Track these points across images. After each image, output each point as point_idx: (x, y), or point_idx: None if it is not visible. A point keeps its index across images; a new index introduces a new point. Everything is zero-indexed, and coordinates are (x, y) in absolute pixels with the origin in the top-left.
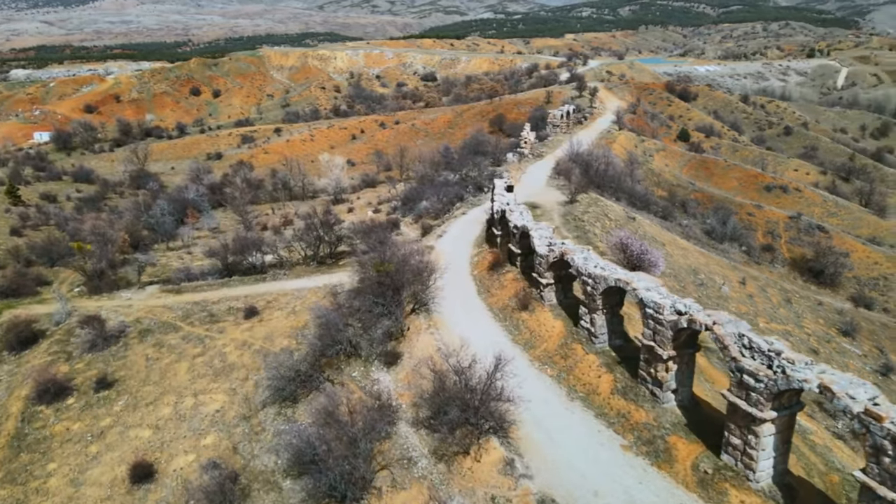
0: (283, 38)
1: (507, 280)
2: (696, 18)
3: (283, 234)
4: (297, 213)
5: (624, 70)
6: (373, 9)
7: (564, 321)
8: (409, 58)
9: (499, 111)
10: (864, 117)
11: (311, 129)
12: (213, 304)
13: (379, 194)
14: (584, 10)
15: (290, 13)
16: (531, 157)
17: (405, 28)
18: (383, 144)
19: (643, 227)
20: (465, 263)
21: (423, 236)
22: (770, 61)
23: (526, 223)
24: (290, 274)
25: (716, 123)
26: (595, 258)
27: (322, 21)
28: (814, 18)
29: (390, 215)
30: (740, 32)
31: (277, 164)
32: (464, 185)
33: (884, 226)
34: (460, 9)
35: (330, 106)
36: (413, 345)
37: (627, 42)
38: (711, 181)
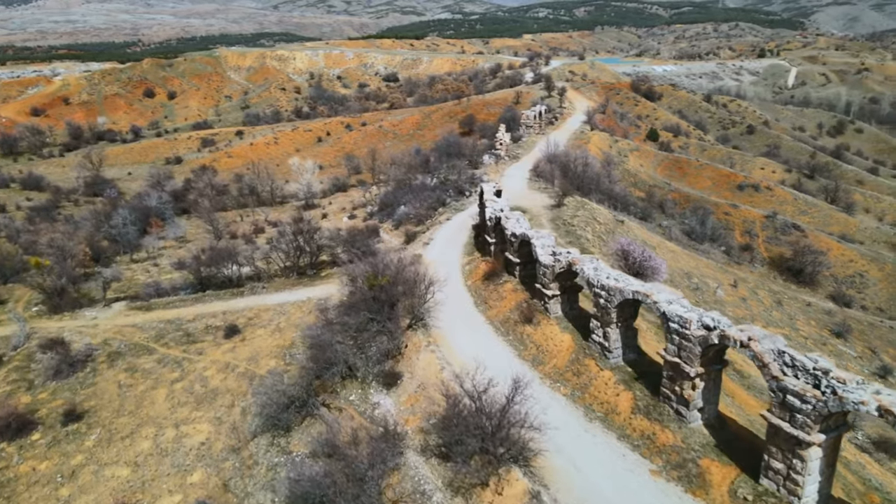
0: (237, 39)
1: (506, 291)
2: (650, 19)
3: (256, 242)
4: (267, 220)
5: (585, 70)
6: (328, 8)
7: (573, 334)
8: (370, 58)
9: (468, 112)
10: (821, 115)
11: (274, 131)
12: (188, 323)
13: (352, 199)
14: (541, 10)
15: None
16: (507, 159)
17: (362, 28)
18: (351, 147)
19: (632, 230)
20: (458, 273)
21: (408, 244)
22: (724, 61)
23: (526, 231)
24: (270, 287)
25: (682, 123)
26: (605, 268)
27: (277, 21)
28: (761, 19)
29: (368, 221)
30: (692, 33)
31: (242, 168)
32: (444, 189)
33: (852, 223)
34: (417, 9)
35: (291, 107)
36: (413, 364)
37: (584, 42)
38: (685, 181)
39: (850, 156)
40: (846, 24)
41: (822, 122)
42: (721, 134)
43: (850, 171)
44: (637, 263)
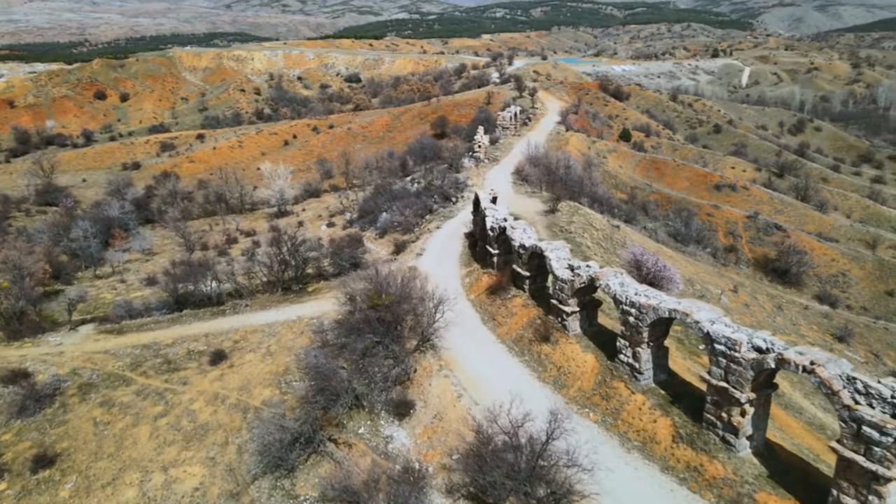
0: (189, 38)
1: (516, 306)
2: (605, 20)
3: (230, 253)
4: (239, 229)
5: (549, 70)
6: (283, 8)
7: (595, 354)
8: (331, 58)
9: (438, 113)
10: (781, 114)
11: (237, 134)
12: (167, 348)
13: (327, 205)
14: (498, 10)
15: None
16: (487, 162)
17: (318, 28)
18: (320, 150)
19: (629, 236)
20: (458, 286)
21: (397, 254)
22: (680, 61)
23: (537, 243)
24: (254, 305)
25: (651, 122)
26: (633, 283)
27: (231, 21)
28: (712, 20)
29: (348, 229)
30: (647, 33)
31: (205, 173)
32: (429, 195)
33: (827, 221)
34: (374, 9)
35: (252, 109)
36: (426, 391)
37: (542, 42)
38: (663, 181)
39: (812, 154)
40: (791, 24)
41: (783, 121)
42: (689, 133)
43: (815, 169)
44: (651, 274)
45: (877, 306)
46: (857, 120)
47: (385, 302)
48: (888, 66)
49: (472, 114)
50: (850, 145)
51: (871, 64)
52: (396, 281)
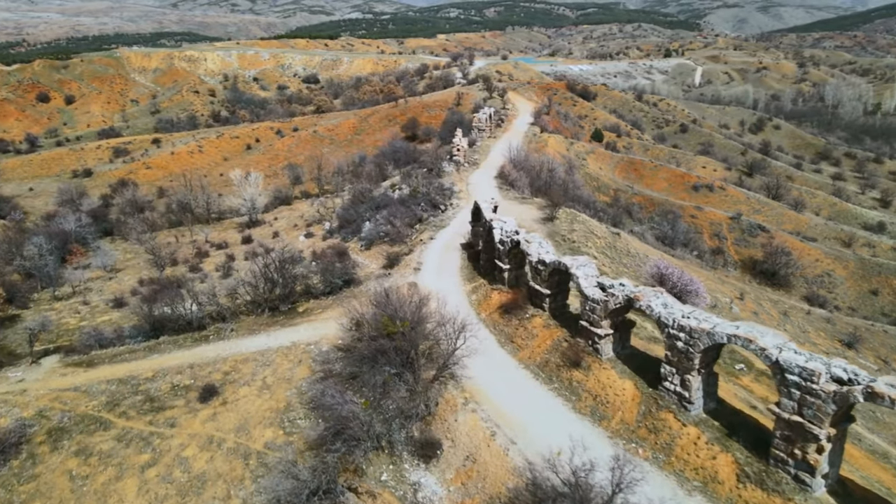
0: (134, 38)
1: (536, 327)
2: (558, 20)
3: (203, 269)
4: (208, 241)
5: (510, 69)
6: (232, 7)
7: (633, 380)
8: (287, 59)
9: (407, 115)
10: (742, 113)
11: (196, 138)
12: (147, 382)
13: (301, 213)
14: (452, 10)
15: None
16: (467, 166)
17: (269, 28)
18: (286, 154)
19: (630, 243)
20: (465, 303)
21: (390, 268)
22: (635, 61)
23: (561, 259)
24: (240, 329)
25: (620, 122)
26: (676, 303)
27: (178, 20)
28: (661, 21)
29: (329, 240)
30: (599, 33)
31: (164, 180)
32: (415, 203)
33: (803, 220)
34: (326, 8)
35: (208, 112)
36: (452, 428)
37: (497, 42)
38: (642, 182)
39: (775, 152)
40: (735, 25)
41: (744, 120)
42: (657, 133)
43: (780, 167)
44: (678, 289)
45: (863, 306)
46: (809, 118)
47: (401, 329)
48: (831, 65)
49: (443, 115)
50: (808, 143)
51: (815, 63)
52: (411, 304)
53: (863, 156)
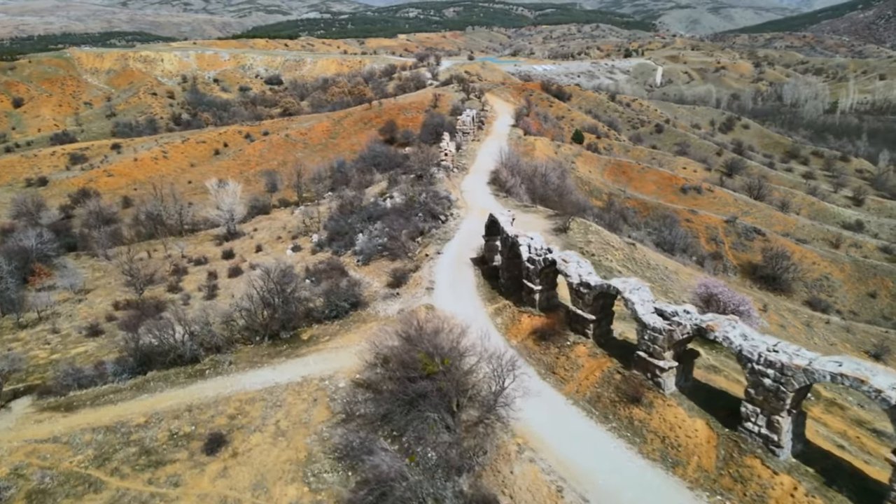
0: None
1: (581, 356)
2: (517, 20)
3: (184, 289)
4: (184, 256)
5: (478, 70)
6: (185, 6)
7: (704, 418)
8: (248, 59)
9: (383, 117)
10: (711, 113)
11: (160, 143)
12: (140, 430)
13: (283, 224)
14: (411, 10)
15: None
16: (457, 171)
17: (224, 28)
18: (257, 159)
19: (647, 255)
20: (491, 328)
21: (397, 287)
22: (597, 61)
23: (611, 282)
24: (239, 361)
25: (597, 123)
26: (757, 335)
27: (128, 19)
28: (618, 21)
29: (319, 253)
30: (559, 34)
31: (127, 188)
32: (413, 213)
33: (791, 221)
34: (282, 8)
35: (168, 114)
36: (510, 482)
37: (458, 42)
38: (631, 185)
39: (748, 152)
40: (688, 25)
41: (714, 119)
42: (633, 133)
43: (755, 167)
44: (729, 311)
45: (863, 309)
46: (772, 117)
47: (441, 368)
48: (785, 64)
49: (420, 117)
50: (776, 142)
51: (770, 63)
52: (448, 337)
53: (830, 154)
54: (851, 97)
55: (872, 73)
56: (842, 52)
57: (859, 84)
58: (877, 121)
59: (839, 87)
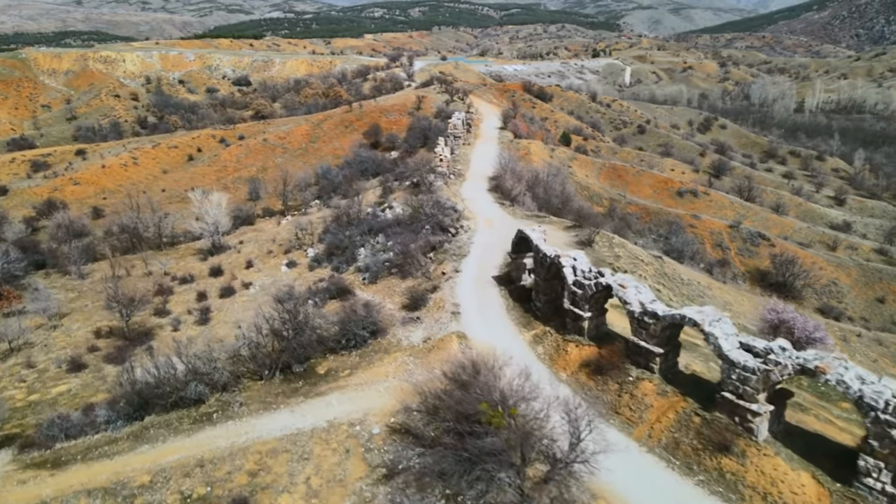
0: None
1: (648, 394)
2: (483, 20)
3: (172, 312)
4: (167, 274)
5: (451, 70)
6: (143, 5)
7: (809, 470)
8: (215, 59)
9: (364, 120)
10: (689, 113)
11: (129, 149)
12: (145, 492)
13: (272, 236)
14: (376, 10)
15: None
16: (454, 178)
17: (185, 27)
18: (234, 165)
19: (676, 268)
20: (533, 359)
21: (415, 310)
22: (567, 61)
23: (685, 313)
24: (250, 401)
25: (581, 124)
26: (873, 377)
27: (83, 18)
28: (582, 21)
29: (317, 269)
30: (525, 34)
31: (96, 198)
32: (420, 225)
33: (787, 224)
34: (244, 7)
35: (132, 117)
36: None
37: (425, 42)
38: (627, 189)
39: (730, 152)
40: (650, 26)
41: (692, 120)
42: (616, 134)
43: (737, 168)
44: (803, 339)
45: (874, 316)
46: (741, 117)
47: (508, 419)
48: (748, 64)
49: (404, 120)
50: (753, 142)
51: (735, 63)
52: (509, 383)
53: (806, 153)
54: (817, 96)
55: (834, 72)
56: (800, 52)
57: (824, 84)
58: (846, 120)
59: (804, 86)
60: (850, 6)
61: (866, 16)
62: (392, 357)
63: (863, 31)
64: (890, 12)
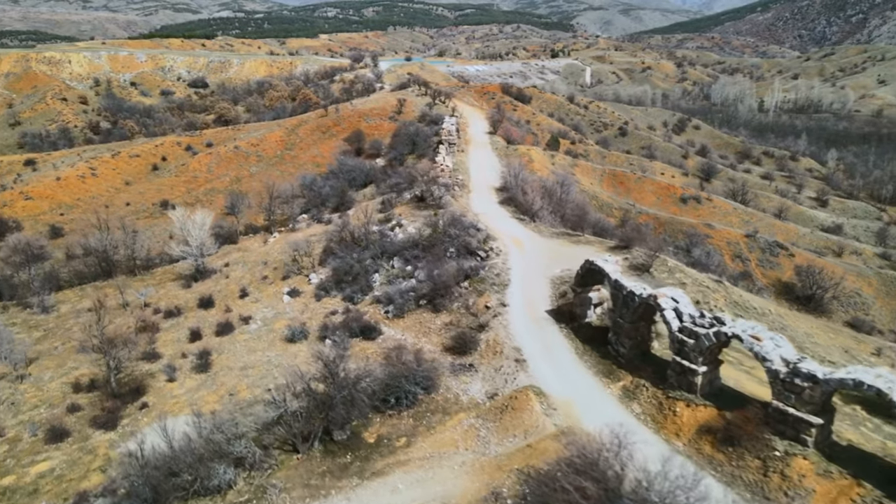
0: None
1: (806, 475)
2: (437, 20)
3: (161, 355)
4: (149, 305)
5: (417, 71)
6: (84, 4)
7: None
8: (168, 60)
9: (342, 125)
10: (663, 114)
11: (84, 158)
12: None
13: (262, 258)
14: (329, 10)
15: None
16: (457, 189)
17: (129, 27)
18: (206, 175)
19: (741, 294)
20: (629, 419)
21: (463, 355)
22: (527, 61)
23: (853, 375)
24: (291, 484)
25: (563, 127)
26: None
27: (20, 17)
28: (537, 22)
29: (324, 299)
30: (481, 34)
31: (52, 213)
32: (443, 247)
33: (792, 230)
34: (191, 6)
35: (83, 122)
36: None
37: (381, 42)
38: (631, 196)
39: (712, 155)
40: (602, 26)
41: (667, 121)
42: (599, 137)
43: (720, 169)
44: None
45: None
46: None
47: None
48: (703, 64)
49: (385, 125)
50: (727, 143)
51: (691, 63)
52: (647, 476)
53: (780, 154)
54: (776, 96)
55: (787, 72)
56: (748, 52)
57: (780, 83)
58: (809, 119)
59: (762, 86)
60: (793, 8)
61: (808, 17)
62: (455, 420)
63: (805, 32)
64: (830, 13)
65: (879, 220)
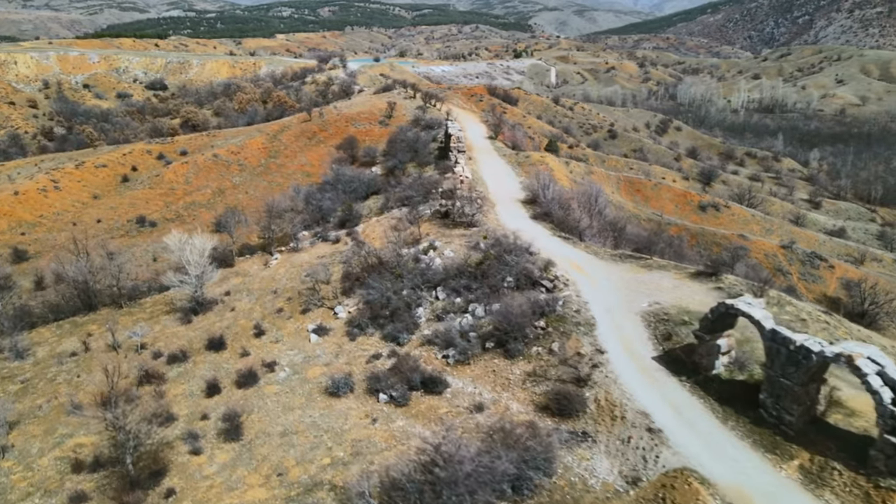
0: None
1: None
2: (395, 20)
3: (177, 417)
4: (145, 347)
5: (387, 71)
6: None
7: None
8: (123, 61)
9: (328, 130)
10: (644, 115)
11: (43, 169)
12: None
13: (269, 285)
14: (284, 10)
15: None
16: (480, 203)
17: (73, 26)
18: (184, 188)
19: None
20: None
21: (565, 419)
22: (492, 61)
23: None
24: None
25: (555, 129)
26: None
27: None
28: (495, 22)
29: (359, 338)
30: (440, 34)
31: (12, 233)
32: (499, 276)
33: (812, 237)
34: (138, 5)
35: (34, 128)
36: None
37: (339, 42)
38: (649, 205)
39: (702, 157)
40: (557, 27)
41: (649, 122)
42: (589, 139)
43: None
44: None
45: None
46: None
47: None
48: (664, 65)
49: (376, 130)
50: (709, 144)
51: (652, 63)
52: None
53: (763, 154)
54: (742, 96)
55: (747, 72)
56: (702, 52)
57: (745, 83)
58: (781, 119)
59: (725, 86)
60: (742, 10)
61: (757, 18)
62: None
63: (755, 33)
64: (778, 15)
65: (873, 221)
